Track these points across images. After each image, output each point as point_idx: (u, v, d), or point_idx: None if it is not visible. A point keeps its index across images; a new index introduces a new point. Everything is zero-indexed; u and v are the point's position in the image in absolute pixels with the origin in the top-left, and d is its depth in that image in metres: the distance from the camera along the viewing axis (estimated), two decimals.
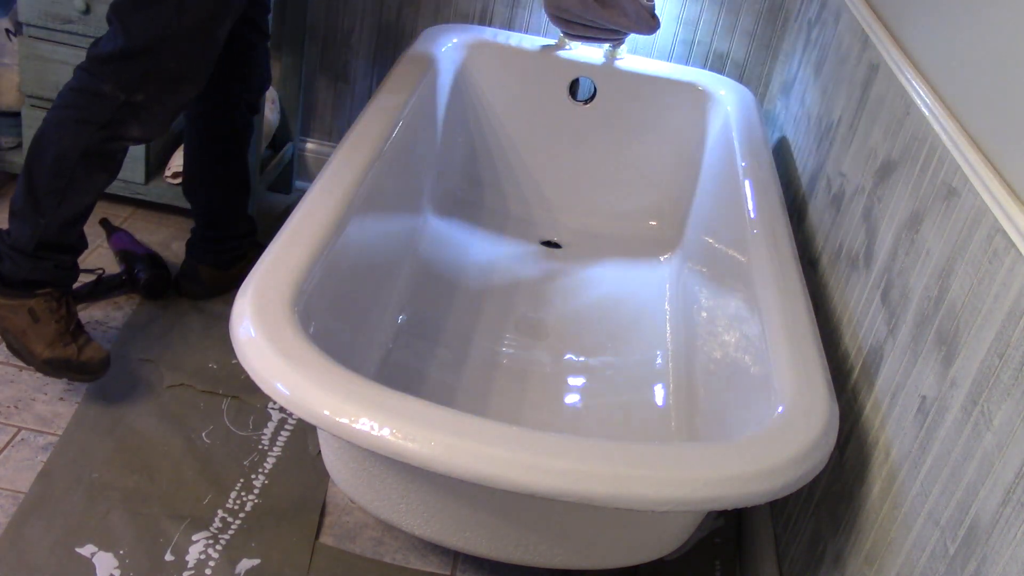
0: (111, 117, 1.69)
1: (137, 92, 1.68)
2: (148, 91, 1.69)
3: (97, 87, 1.67)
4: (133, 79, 1.67)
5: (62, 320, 1.76)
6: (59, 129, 1.70)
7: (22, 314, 1.73)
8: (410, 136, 2.04)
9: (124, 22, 1.65)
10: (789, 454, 1.24)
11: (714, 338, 1.83)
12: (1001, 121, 1.19)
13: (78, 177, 1.72)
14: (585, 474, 1.16)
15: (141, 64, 1.67)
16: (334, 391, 1.20)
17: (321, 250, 1.49)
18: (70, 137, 1.69)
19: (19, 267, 1.73)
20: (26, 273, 1.74)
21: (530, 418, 1.83)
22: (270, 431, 1.86)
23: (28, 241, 1.73)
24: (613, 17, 2.25)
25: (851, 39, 1.89)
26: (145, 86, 1.68)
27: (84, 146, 1.70)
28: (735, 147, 2.10)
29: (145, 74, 1.68)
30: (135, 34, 1.65)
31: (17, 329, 1.74)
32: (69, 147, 1.69)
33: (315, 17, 2.51)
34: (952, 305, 1.20)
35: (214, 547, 1.61)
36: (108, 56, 1.66)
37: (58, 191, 1.72)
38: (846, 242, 1.68)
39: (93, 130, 1.69)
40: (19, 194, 1.73)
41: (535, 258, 2.34)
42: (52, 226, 1.73)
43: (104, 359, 1.79)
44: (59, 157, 1.70)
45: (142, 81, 1.68)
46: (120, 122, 1.70)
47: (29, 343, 1.74)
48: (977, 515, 1.04)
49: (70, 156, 1.70)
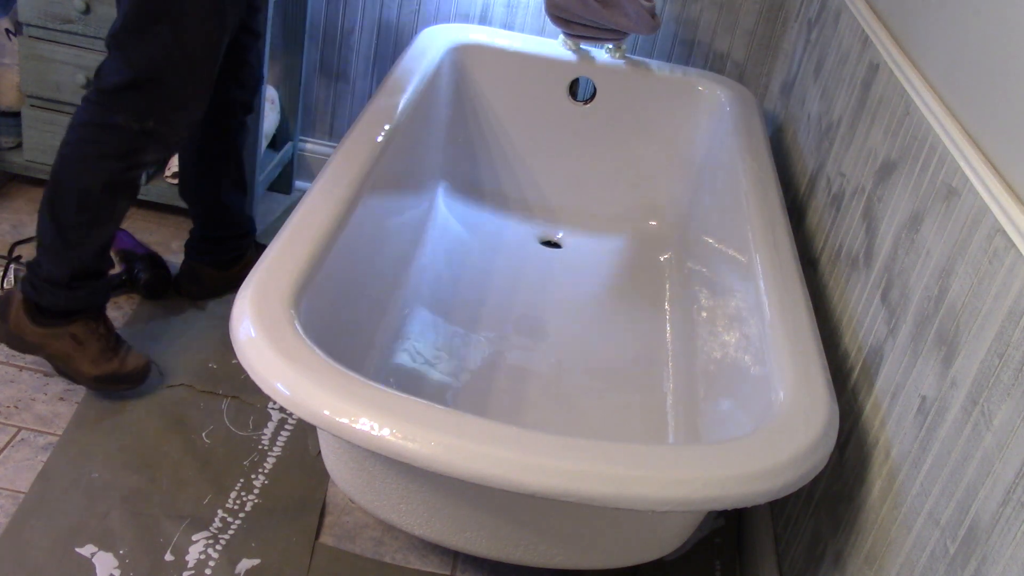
0: (128, 147, 1.71)
1: (148, 119, 1.69)
2: (159, 116, 1.70)
3: (110, 120, 1.68)
4: (143, 107, 1.68)
5: (102, 337, 1.82)
6: (78, 165, 1.71)
7: (65, 340, 1.79)
8: (410, 136, 2.04)
9: (125, 52, 1.65)
10: (789, 454, 1.24)
11: (714, 338, 1.83)
12: (1001, 121, 1.19)
13: (102, 208, 1.76)
14: (585, 474, 1.16)
15: (149, 92, 1.67)
16: (334, 391, 1.20)
17: (321, 250, 1.49)
18: (90, 173, 1.71)
19: (57, 298, 1.78)
20: (64, 303, 1.79)
21: (530, 418, 1.83)
22: (270, 431, 1.86)
23: (62, 274, 1.77)
24: (613, 17, 2.25)
25: (851, 39, 1.89)
26: (156, 112, 1.69)
27: (105, 180, 1.73)
28: (735, 147, 2.10)
29: (154, 101, 1.69)
30: (139, 63, 1.65)
31: (63, 354, 1.80)
32: (91, 183, 1.72)
33: (315, 17, 2.51)
34: (952, 305, 1.20)
35: (214, 547, 1.61)
36: (116, 88, 1.66)
37: (84, 224, 1.75)
38: (846, 242, 1.68)
39: (112, 163, 1.71)
40: (45, 229, 1.75)
41: (535, 258, 2.34)
42: (83, 257, 1.78)
43: (146, 365, 1.87)
44: (82, 193, 1.72)
45: (152, 108, 1.69)
46: (137, 150, 1.72)
47: (76, 365, 1.81)
48: (977, 515, 1.04)
49: (93, 191, 1.73)
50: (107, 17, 2.13)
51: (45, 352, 1.81)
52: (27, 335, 1.79)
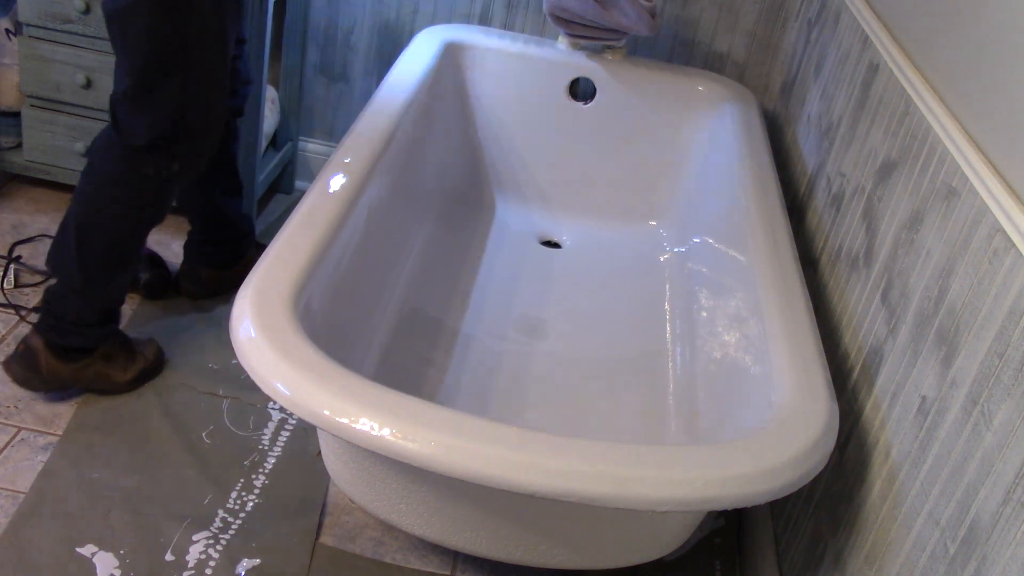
0: (159, 192, 1.74)
1: (176, 162, 1.71)
2: (186, 158, 1.72)
3: (140, 172, 1.69)
4: (171, 155, 1.70)
5: (123, 344, 1.86)
6: (110, 218, 1.72)
7: (97, 363, 1.82)
8: (410, 136, 2.04)
9: (144, 109, 1.65)
10: (789, 454, 1.24)
11: (714, 338, 1.83)
12: (1001, 121, 1.19)
13: (132, 250, 1.79)
14: (585, 474, 1.16)
15: (175, 141, 1.69)
16: (334, 391, 1.20)
17: (321, 250, 1.49)
18: (125, 225, 1.74)
19: (88, 338, 1.80)
20: (96, 340, 1.81)
21: (530, 418, 1.83)
22: (270, 431, 1.86)
23: (92, 316, 1.79)
24: (613, 17, 2.25)
25: (851, 39, 1.89)
26: (183, 155, 1.71)
27: (137, 226, 1.76)
28: (735, 147, 2.10)
29: (181, 146, 1.70)
30: (160, 119, 1.66)
31: (95, 375, 1.83)
32: (124, 233, 1.75)
33: (315, 17, 2.51)
34: (952, 305, 1.20)
35: (214, 547, 1.61)
36: (144, 146, 1.67)
37: (113, 268, 1.77)
38: (846, 242, 1.68)
39: (146, 211, 1.75)
40: (71, 275, 1.74)
41: (535, 258, 2.34)
42: (113, 295, 1.80)
43: (159, 347, 1.95)
44: (114, 242, 1.74)
45: (179, 152, 1.71)
46: (168, 193, 1.76)
47: (111, 378, 1.84)
48: (977, 515, 1.04)
49: (124, 239, 1.75)
50: None
51: (81, 384, 1.83)
52: (64, 376, 1.80)
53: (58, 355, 1.78)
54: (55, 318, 1.77)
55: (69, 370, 1.80)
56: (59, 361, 1.78)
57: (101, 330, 1.81)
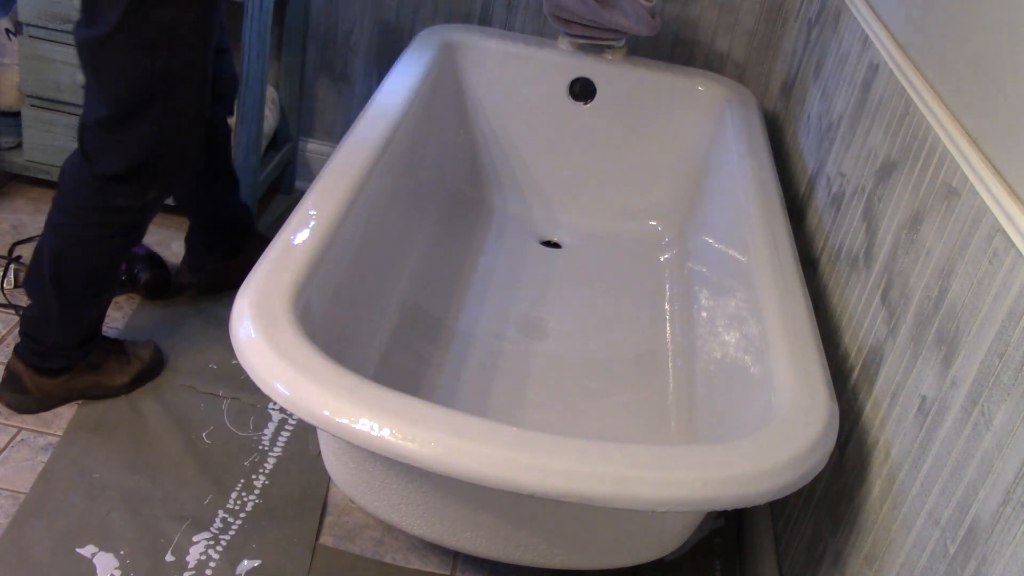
0: (133, 222, 1.72)
1: (150, 192, 1.68)
2: (160, 187, 1.70)
3: (113, 203, 1.66)
4: (145, 186, 1.67)
5: (110, 349, 1.85)
6: (84, 247, 1.69)
7: (86, 374, 1.82)
8: (410, 136, 2.04)
9: (118, 138, 1.61)
10: (789, 454, 1.24)
11: (714, 338, 1.83)
12: (1001, 121, 1.19)
13: (110, 277, 1.77)
14: (585, 475, 1.16)
15: (148, 172, 1.65)
16: (334, 391, 1.20)
17: (321, 250, 1.49)
18: (99, 254, 1.71)
19: (71, 359, 1.79)
20: (81, 358, 1.81)
21: (530, 418, 1.83)
22: (270, 431, 1.86)
23: (76, 337, 1.78)
24: (613, 17, 2.25)
25: (851, 39, 1.89)
26: (157, 184, 1.69)
27: (113, 255, 1.74)
28: (735, 147, 2.10)
29: (154, 177, 1.67)
30: (135, 149, 1.62)
31: (90, 386, 1.83)
32: (98, 261, 1.72)
33: (315, 17, 2.51)
34: (952, 305, 1.20)
35: (215, 548, 1.61)
36: (115, 176, 1.63)
37: (93, 295, 1.76)
38: (846, 242, 1.68)
39: (119, 240, 1.72)
40: (48, 303, 1.72)
41: (535, 258, 2.34)
42: (92, 319, 1.79)
43: (156, 347, 1.94)
44: (90, 270, 1.72)
45: (153, 183, 1.68)
46: (142, 223, 1.74)
47: (107, 385, 1.84)
48: (977, 515, 1.04)
49: (101, 268, 1.73)
50: None
51: (75, 395, 1.83)
52: (54, 391, 1.80)
53: (41, 372, 1.78)
54: (34, 342, 1.76)
55: (56, 384, 1.79)
56: (44, 378, 1.78)
57: (83, 350, 1.80)
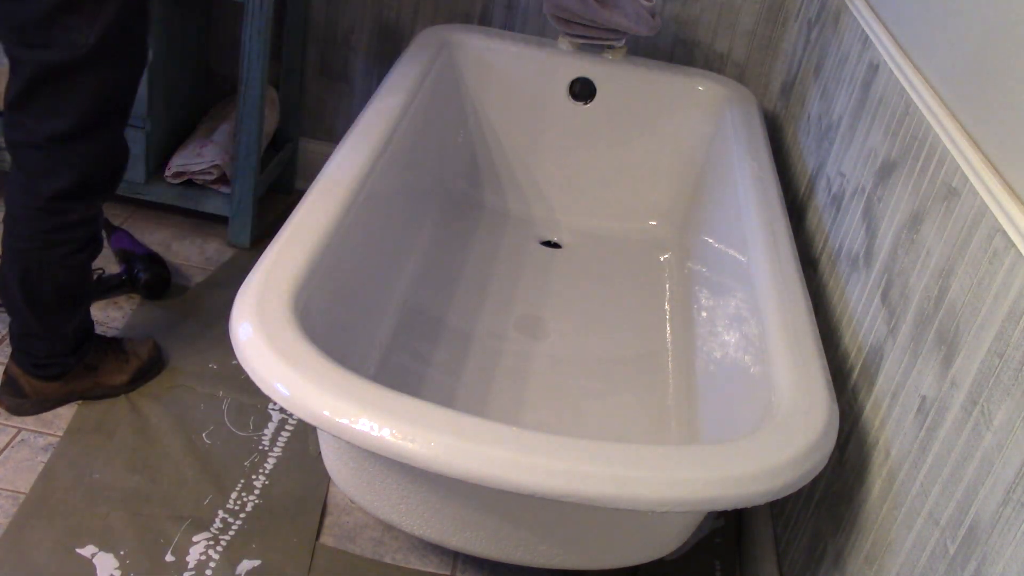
0: (89, 232, 1.68)
1: (99, 198, 1.66)
2: (106, 194, 1.67)
3: (68, 220, 1.63)
4: (94, 197, 1.65)
5: (107, 348, 1.85)
6: (50, 269, 1.66)
7: (84, 375, 1.82)
8: (410, 136, 2.04)
9: (69, 155, 1.58)
10: (789, 454, 1.24)
11: (714, 338, 1.83)
12: (1001, 121, 1.19)
13: (83, 287, 1.75)
14: (585, 475, 1.16)
15: (97, 182, 1.63)
16: (334, 391, 1.20)
17: (321, 250, 1.49)
18: (65, 271, 1.68)
19: (68, 363, 1.79)
20: (77, 362, 1.80)
21: (530, 418, 1.83)
22: (270, 431, 1.86)
23: (65, 345, 1.77)
24: (613, 17, 2.25)
25: (851, 39, 1.89)
26: (106, 190, 1.66)
27: (80, 269, 1.71)
28: (735, 147, 2.10)
29: (102, 184, 1.65)
30: (86, 164, 1.59)
31: (89, 386, 1.83)
32: (68, 278, 1.69)
33: (315, 17, 2.51)
34: (952, 305, 1.20)
35: (215, 548, 1.61)
36: (66, 194, 1.60)
37: (70, 307, 1.74)
38: (846, 242, 1.68)
39: (82, 254, 1.69)
40: (29, 323, 1.71)
41: (535, 258, 2.34)
42: (76, 325, 1.77)
43: (154, 344, 1.94)
44: (61, 288, 1.69)
45: (101, 190, 1.65)
46: (97, 231, 1.71)
47: (106, 384, 1.85)
48: (977, 515, 1.04)
49: (71, 282, 1.71)
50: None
51: (75, 396, 1.83)
52: (52, 394, 1.80)
53: (38, 376, 1.77)
54: (28, 354, 1.76)
55: (54, 388, 1.79)
56: (41, 381, 1.78)
57: (76, 355, 1.79)
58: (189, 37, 2.40)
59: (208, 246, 2.36)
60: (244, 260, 2.33)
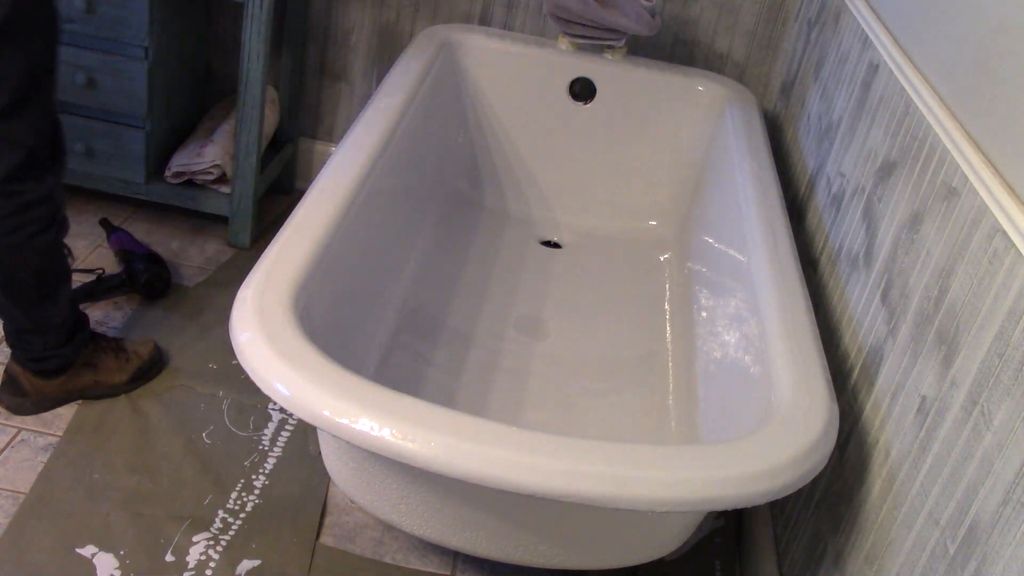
0: (51, 207, 1.66)
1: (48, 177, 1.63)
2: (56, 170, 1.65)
3: (22, 200, 1.61)
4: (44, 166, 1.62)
5: (106, 348, 1.85)
6: (17, 255, 1.64)
7: (83, 372, 1.82)
8: (410, 136, 2.04)
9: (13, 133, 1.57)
10: (789, 454, 1.24)
11: (714, 338, 1.83)
12: (1001, 121, 1.19)
13: (59, 270, 1.72)
14: (585, 475, 1.16)
15: (41, 151, 1.61)
16: (334, 391, 1.20)
17: (321, 250, 1.49)
18: (34, 254, 1.66)
19: (66, 356, 1.79)
20: (75, 355, 1.80)
21: (530, 418, 1.83)
22: (270, 431, 1.86)
23: (58, 336, 1.76)
24: (613, 17, 2.25)
25: (851, 39, 1.89)
26: (53, 169, 1.64)
27: (50, 251, 1.68)
28: (735, 147, 2.10)
29: (48, 153, 1.62)
30: (29, 136, 1.58)
31: (89, 385, 1.83)
32: (39, 262, 1.67)
33: (315, 17, 2.51)
34: (952, 305, 1.20)
35: (215, 548, 1.61)
36: (15, 171, 1.59)
37: (49, 294, 1.72)
38: (846, 242, 1.68)
39: (46, 234, 1.66)
40: (16, 319, 1.71)
41: (535, 258, 2.34)
42: (63, 312, 1.76)
43: (154, 345, 1.94)
44: (34, 273, 1.67)
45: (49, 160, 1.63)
46: (57, 210, 1.67)
47: (105, 383, 1.85)
48: (977, 515, 1.04)
49: (44, 266, 1.69)
50: (109, 17, 2.13)
51: (75, 395, 1.83)
52: (52, 392, 1.80)
53: (39, 374, 1.78)
54: (25, 351, 1.76)
55: (54, 386, 1.79)
56: (41, 378, 1.78)
57: (71, 346, 1.79)
58: (189, 37, 2.40)
59: (208, 246, 2.36)
60: (244, 260, 2.33)
